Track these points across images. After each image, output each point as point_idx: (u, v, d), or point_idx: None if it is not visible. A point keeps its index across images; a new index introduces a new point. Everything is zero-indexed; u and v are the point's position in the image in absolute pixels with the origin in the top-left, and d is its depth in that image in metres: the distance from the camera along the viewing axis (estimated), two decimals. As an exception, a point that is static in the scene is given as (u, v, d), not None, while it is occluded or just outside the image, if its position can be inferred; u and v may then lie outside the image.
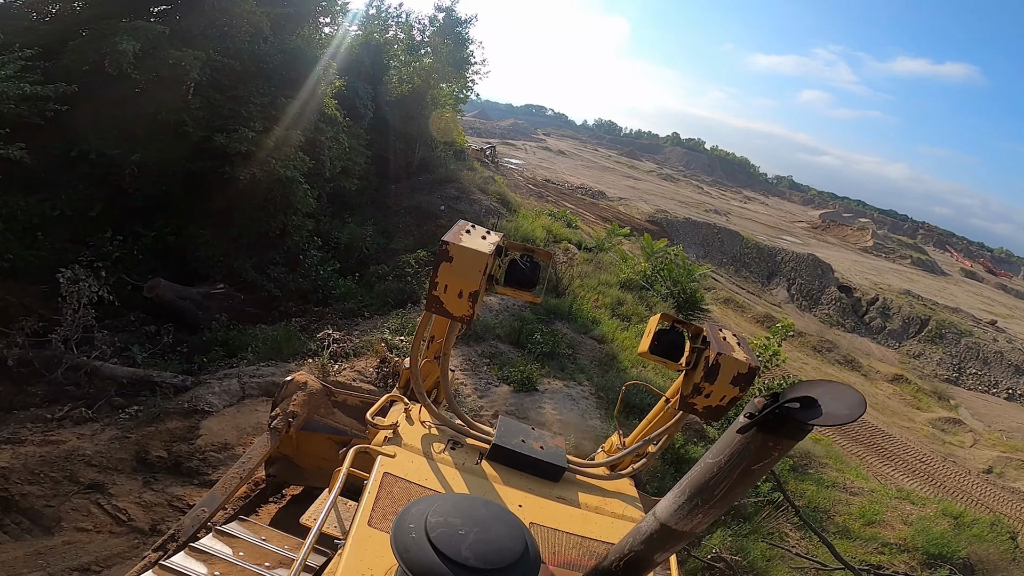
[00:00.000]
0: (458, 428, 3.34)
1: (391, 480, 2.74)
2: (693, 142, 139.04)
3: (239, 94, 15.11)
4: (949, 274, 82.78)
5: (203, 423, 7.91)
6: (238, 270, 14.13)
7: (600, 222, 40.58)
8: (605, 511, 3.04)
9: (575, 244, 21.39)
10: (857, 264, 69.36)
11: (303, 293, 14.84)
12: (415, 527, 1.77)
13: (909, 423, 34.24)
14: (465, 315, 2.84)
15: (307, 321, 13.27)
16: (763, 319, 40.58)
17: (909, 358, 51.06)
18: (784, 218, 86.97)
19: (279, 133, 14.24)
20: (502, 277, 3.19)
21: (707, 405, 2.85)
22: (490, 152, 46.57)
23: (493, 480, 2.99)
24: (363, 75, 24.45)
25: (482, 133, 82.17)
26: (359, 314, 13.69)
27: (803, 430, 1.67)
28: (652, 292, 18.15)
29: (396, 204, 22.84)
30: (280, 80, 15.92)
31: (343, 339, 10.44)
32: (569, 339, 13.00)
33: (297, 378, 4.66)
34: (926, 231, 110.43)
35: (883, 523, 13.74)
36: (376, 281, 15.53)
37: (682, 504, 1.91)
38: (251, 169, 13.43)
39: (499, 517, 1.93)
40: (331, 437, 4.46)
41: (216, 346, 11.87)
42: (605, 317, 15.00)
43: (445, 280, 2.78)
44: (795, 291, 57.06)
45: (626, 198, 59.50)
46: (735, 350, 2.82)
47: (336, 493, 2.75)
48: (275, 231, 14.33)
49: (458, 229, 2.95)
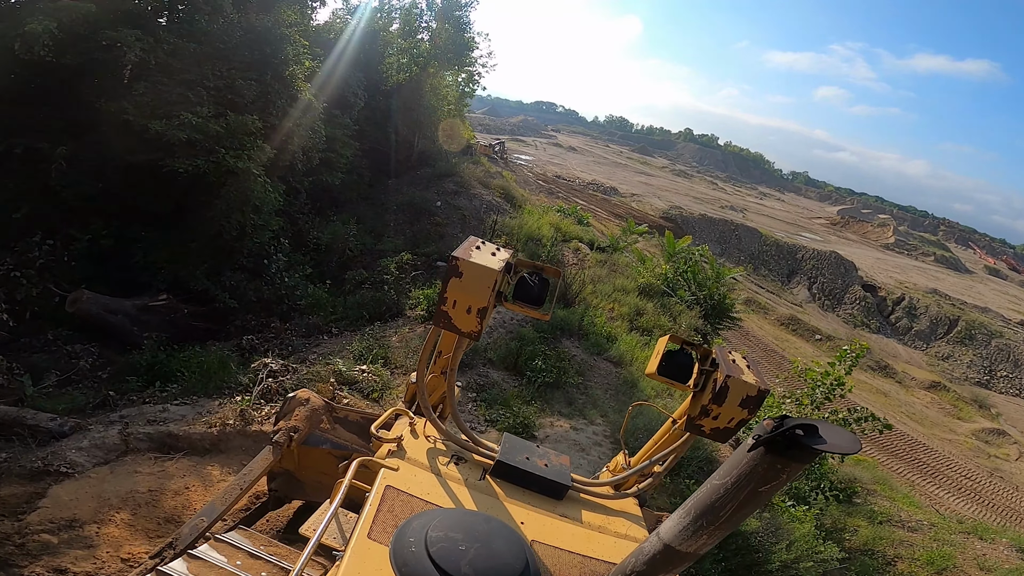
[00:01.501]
0: (462, 443, 3.22)
1: (393, 493, 2.64)
2: (706, 138, 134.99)
3: (191, 78, 12.71)
4: (973, 272, 79.27)
5: (52, 490, 5.50)
6: (186, 278, 11.73)
7: (612, 219, 37.93)
8: (609, 530, 2.95)
9: (587, 243, 18.77)
10: (880, 262, 66.05)
11: (266, 304, 12.42)
12: (415, 541, 1.79)
13: (950, 434, 31.27)
14: (473, 331, 2.71)
15: (262, 339, 10.84)
16: (788, 321, 37.67)
17: (938, 360, 48.43)
18: (801, 214, 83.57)
19: (232, 119, 11.80)
20: (511, 293, 3.02)
21: (715, 427, 2.76)
22: (499, 148, 44.59)
23: (496, 496, 2.90)
24: (354, 61, 22.01)
25: (492, 130, 79.60)
26: (326, 330, 11.25)
27: (812, 454, 1.59)
28: (675, 299, 15.50)
29: (390, 200, 20.39)
30: (241, 61, 13.50)
31: (284, 370, 7.96)
32: (579, 362, 10.44)
33: (299, 394, 4.53)
34: (947, 228, 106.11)
35: (956, 570, 11.38)
36: (352, 289, 13.05)
37: (687, 525, 1.86)
38: (194, 160, 11.01)
39: (500, 534, 1.98)
40: (332, 452, 4.35)
41: (142, 373, 9.48)
42: (622, 331, 12.40)
43: (454, 295, 2.65)
44: (817, 290, 54.17)
45: (639, 194, 56.82)
46: (744, 372, 2.72)
47: (337, 504, 2.62)
48: (231, 232, 11.91)
49: (468, 245, 2.81)
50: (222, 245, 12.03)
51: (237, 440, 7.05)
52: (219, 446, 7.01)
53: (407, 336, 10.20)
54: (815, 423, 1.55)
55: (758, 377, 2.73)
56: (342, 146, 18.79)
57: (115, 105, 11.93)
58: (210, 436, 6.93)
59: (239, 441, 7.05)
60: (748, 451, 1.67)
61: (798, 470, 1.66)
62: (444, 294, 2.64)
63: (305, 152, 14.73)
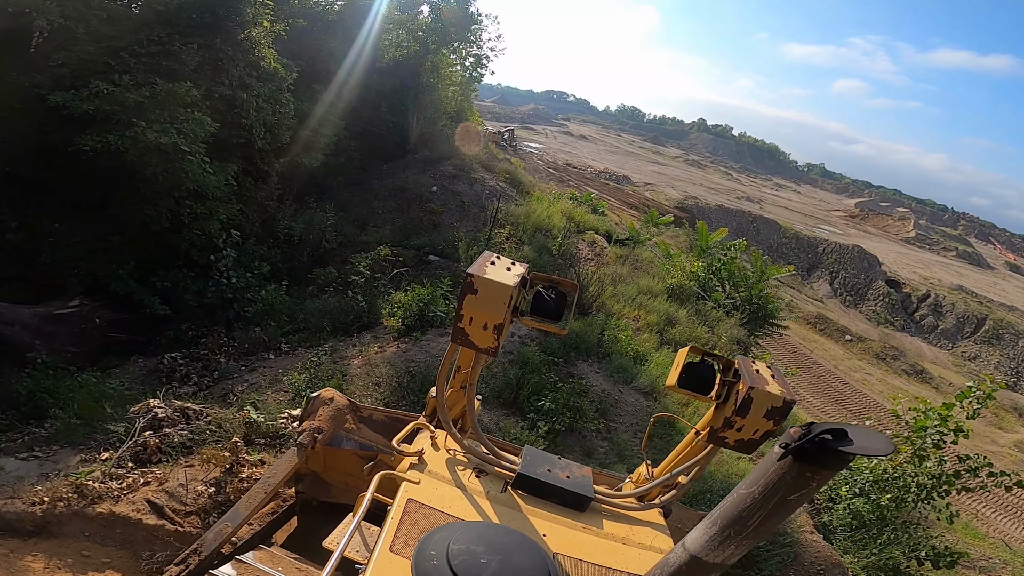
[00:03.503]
0: (483, 456, 3.12)
1: (415, 506, 2.60)
2: (720, 128, 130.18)
3: (122, 44, 10.20)
4: (995, 268, 75.74)
5: None
6: (106, 279, 9.20)
7: (625, 208, 35.13)
8: (632, 542, 2.84)
9: (603, 235, 16.03)
10: (902, 256, 62.74)
11: (210, 310, 9.87)
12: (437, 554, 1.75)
13: (992, 446, 28.37)
14: (491, 347, 2.64)
15: (188, 357, 8.30)
16: (815, 320, 34.77)
17: (964, 360, 45.68)
18: (819, 207, 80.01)
19: (160, 88, 9.27)
20: (527, 308, 2.91)
21: (739, 439, 2.63)
22: (508, 135, 42.08)
23: (517, 509, 2.82)
24: (337, 31, 19.32)
25: (501, 118, 76.59)
26: (274, 346, 8.68)
27: (842, 459, 1.54)
28: (711, 303, 12.79)
29: (379, 186, 17.74)
30: (186, 24, 10.92)
31: (178, 417, 5.42)
32: (599, 394, 7.80)
33: (323, 394, 4.24)
34: (967, 222, 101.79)
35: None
36: (317, 291, 10.47)
37: (713, 535, 1.79)
38: (104, 136, 8.51)
39: (522, 546, 1.92)
40: (357, 452, 4.07)
41: (22, 404, 7.00)
42: (651, 347, 9.75)
43: (470, 312, 2.59)
44: (839, 285, 51.18)
45: (652, 184, 53.86)
46: (769, 383, 2.58)
47: (359, 518, 2.59)
48: (161, 222, 9.36)
49: (483, 261, 2.74)
50: (152, 238, 9.48)
51: (76, 523, 4.61)
52: (49, 528, 4.61)
53: (374, 359, 7.60)
54: (844, 427, 1.49)
55: (784, 387, 2.57)
56: (324, 125, 16.17)
57: (27, 79, 9.49)
58: (31, 517, 4.52)
59: (79, 525, 4.61)
60: (776, 460, 1.59)
61: (828, 477, 1.60)
62: (460, 311, 2.58)
63: (269, 129, 12.10)
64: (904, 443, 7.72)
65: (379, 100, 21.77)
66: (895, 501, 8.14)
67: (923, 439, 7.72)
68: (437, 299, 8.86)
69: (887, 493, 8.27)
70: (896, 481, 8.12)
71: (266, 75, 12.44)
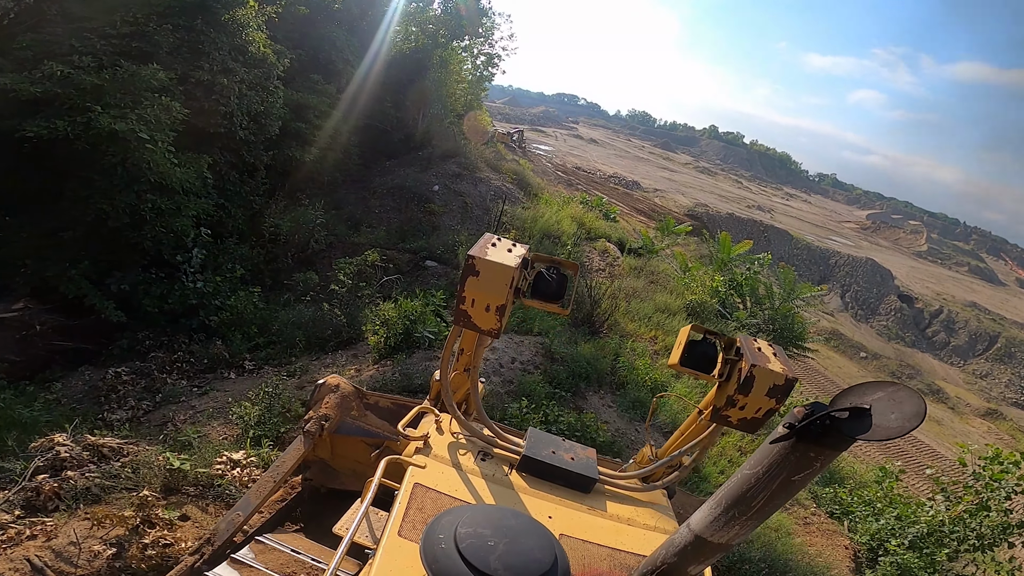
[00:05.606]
0: (488, 439, 3.03)
1: (421, 491, 2.55)
2: (731, 136, 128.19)
3: (94, 26, 9.09)
4: (1007, 284, 73.84)
5: None
6: (55, 280, 8.00)
7: (635, 214, 33.81)
8: (637, 523, 2.77)
9: (615, 243, 14.74)
10: (914, 270, 61.01)
11: (173, 317, 8.66)
12: (444, 537, 1.73)
13: None
14: (493, 329, 2.61)
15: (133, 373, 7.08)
16: (830, 336, 33.32)
17: (976, 378, 44.27)
18: (830, 217, 78.29)
19: (124, 71, 8.12)
20: (528, 290, 2.88)
21: (742, 417, 2.55)
22: (517, 137, 41.13)
23: (523, 491, 2.75)
24: (342, 20, 18.13)
25: (511, 119, 75.37)
26: (236, 364, 7.45)
27: (847, 440, 1.49)
28: (732, 321, 11.49)
29: (378, 183, 16.54)
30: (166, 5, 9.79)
31: (90, 455, 4.23)
32: (613, 434, 6.53)
33: (329, 381, 4.19)
34: (979, 236, 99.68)
35: None
36: (294, 299, 9.23)
37: (718, 516, 1.77)
38: (52, 121, 7.36)
39: (528, 528, 1.90)
40: (364, 440, 4.03)
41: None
42: (671, 375, 8.46)
43: (472, 294, 2.54)
44: (850, 298, 49.68)
45: (662, 189, 52.45)
46: (771, 361, 2.51)
47: (368, 503, 2.53)
48: (119, 218, 8.16)
49: (483, 243, 2.66)
50: (109, 236, 8.28)
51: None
52: None
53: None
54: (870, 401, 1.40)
55: (785, 365, 2.49)
56: (320, 117, 14.98)
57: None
58: None
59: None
60: (779, 440, 1.56)
61: (832, 457, 1.55)
62: (462, 293, 2.54)
63: (254, 118, 10.89)
64: (968, 492, 6.60)
65: (384, 94, 20.56)
66: (951, 556, 7.08)
67: (995, 490, 6.61)
68: (428, 317, 7.59)
69: (944, 548, 7.15)
70: (955, 534, 7.02)
71: (253, 60, 11.24)
